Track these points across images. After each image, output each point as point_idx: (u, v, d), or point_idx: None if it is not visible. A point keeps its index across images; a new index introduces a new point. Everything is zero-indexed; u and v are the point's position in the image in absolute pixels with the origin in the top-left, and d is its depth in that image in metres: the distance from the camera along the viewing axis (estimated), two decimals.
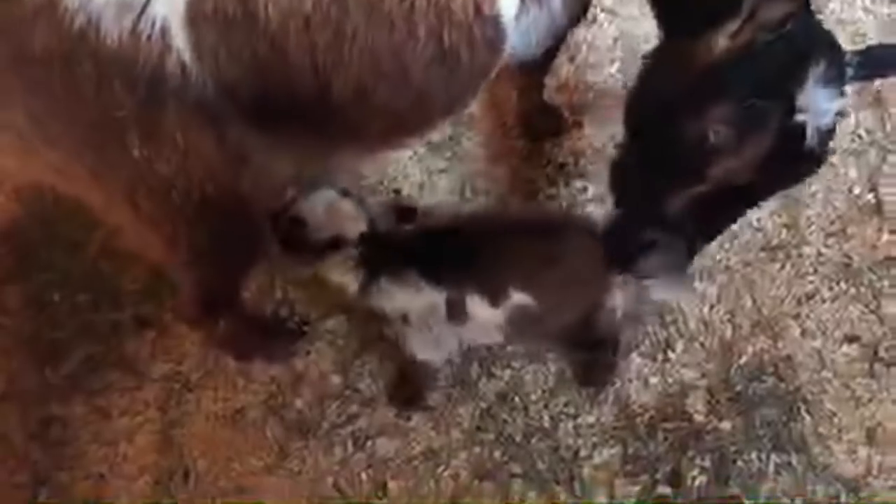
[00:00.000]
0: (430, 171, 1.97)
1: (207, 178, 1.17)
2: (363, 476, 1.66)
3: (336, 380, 1.74)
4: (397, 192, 1.95)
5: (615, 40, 2.07)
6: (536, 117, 1.96)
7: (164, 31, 1.04)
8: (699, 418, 1.67)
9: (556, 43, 1.65)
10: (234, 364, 1.74)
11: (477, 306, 1.43)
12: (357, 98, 1.20)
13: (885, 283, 1.80)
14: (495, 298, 1.42)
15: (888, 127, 1.99)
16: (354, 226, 1.41)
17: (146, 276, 1.75)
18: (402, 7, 1.15)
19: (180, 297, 1.51)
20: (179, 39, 1.05)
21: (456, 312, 1.44)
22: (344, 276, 1.44)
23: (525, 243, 1.44)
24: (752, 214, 1.89)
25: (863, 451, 1.65)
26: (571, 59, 2.05)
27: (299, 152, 1.34)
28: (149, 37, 1.03)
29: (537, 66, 1.76)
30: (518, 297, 1.42)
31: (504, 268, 1.42)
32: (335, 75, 1.16)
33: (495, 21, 1.24)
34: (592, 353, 1.63)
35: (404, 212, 1.47)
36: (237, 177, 1.21)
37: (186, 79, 1.07)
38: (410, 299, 1.43)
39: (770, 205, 1.87)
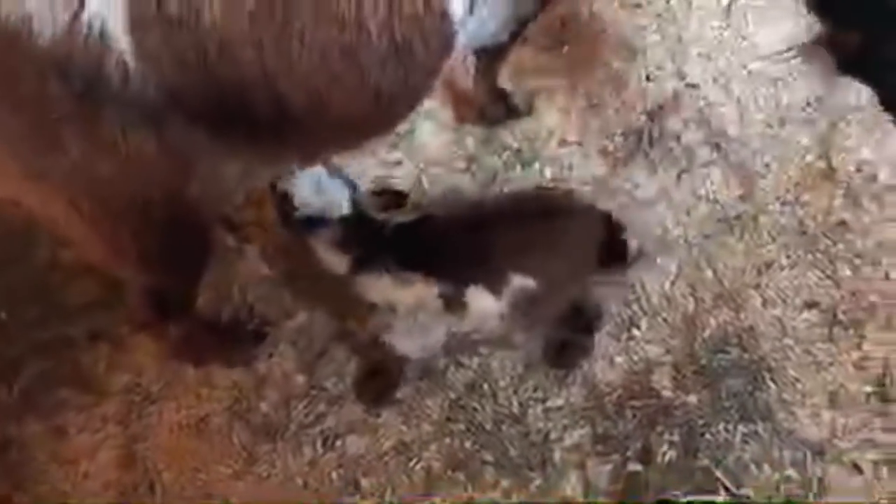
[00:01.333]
0: (386, 164, 1.94)
1: (151, 183, 1.14)
2: (334, 475, 1.64)
3: (301, 380, 1.71)
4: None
5: (563, 23, 2.06)
6: (491, 104, 1.94)
7: (103, 32, 1.00)
8: (666, 394, 1.68)
9: (520, 28, 1.64)
10: (194, 372, 1.70)
11: (476, 297, 1.41)
12: (310, 99, 1.17)
13: (840, 247, 1.83)
14: (496, 286, 1.40)
15: (837, 94, 2.01)
16: (338, 204, 1.39)
17: (96, 289, 1.70)
18: (350, 3, 1.12)
19: (129, 301, 1.47)
20: (120, 40, 1.01)
21: (454, 305, 1.41)
22: (333, 255, 1.41)
23: (521, 226, 1.43)
24: (707, 187, 1.92)
25: (826, 415, 1.67)
26: (523, 43, 2.04)
27: (252, 156, 1.31)
28: (86, 37, 0.99)
29: (498, 52, 1.75)
30: (519, 282, 1.40)
31: (501, 255, 1.41)
32: (285, 76, 1.13)
33: (445, 12, 1.22)
34: (575, 334, 1.62)
35: (391, 196, 1.45)
36: (183, 182, 1.18)
37: (127, 80, 1.03)
38: (402, 292, 1.41)
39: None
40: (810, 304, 1.78)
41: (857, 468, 1.61)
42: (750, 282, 1.80)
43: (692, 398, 1.67)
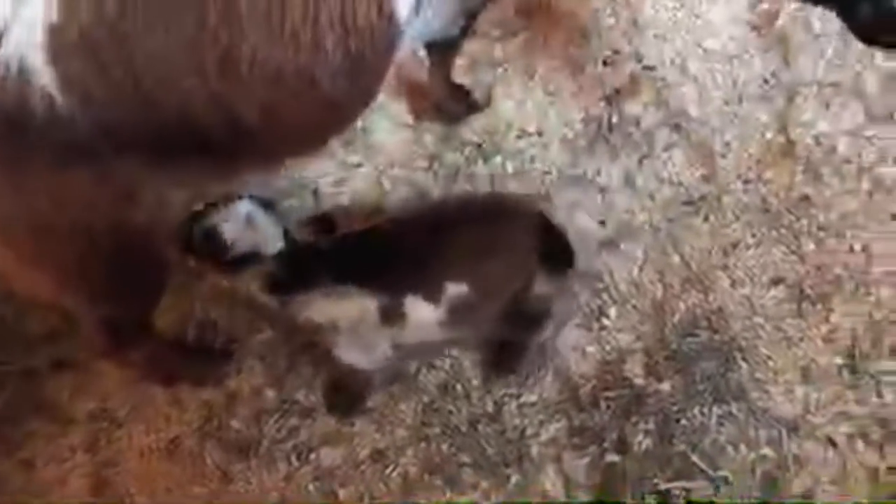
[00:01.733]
0: (346, 166, 1.91)
1: (92, 214, 1.10)
2: (311, 488, 1.62)
3: (271, 394, 1.68)
4: (315, 192, 1.89)
5: (515, 11, 2.04)
6: (447, 100, 1.92)
7: (22, 67, 0.96)
8: (639, 382, 1.67)
9: (470, 21, 1.62)
10: (162, 393, 1.67)
11: (415, 307, 1.40)
12: (263, 116, 1.15)
13: (804, 222, 1.83)
14: (433, 295, 1.39)
15: (792, 67, 2.01)
16: (271, 239, 1.35)
17: (54, 316, 1.66)
18: (306, 22, 1.10)
19: (84, 332, 1.43)
20: (42, 74, 0.97)
21: (393, 316, 1.40)
22: (263, 290, 1.38)
23: (454, 233, 1.41)
24: (669, 170, 1.91)
25: (799, 391, 1.67)
26: (475, 35, 2.01)
27: (201, 179, 1.28)
28: (3, 77, 0.95)
29: (449, 45, 1.73)
30: (454, 289, 1.39)
31: (437, 262, 1.39)
32: (234, 97, 1.10)
33: (392, 17, 1.20)
34: (520, 335, 1.61)
35: (322, 223, 1.43)
36: (127, 211, 1.14)
37: (54, 115, 0.99)
38: (339, 307, 1.39)
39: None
40: (777, 281, 1.78)
41: (831, 442, 1.62)
42: (717, 263, 1.80)
43: (665, 385, 1.66)
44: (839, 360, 1.69)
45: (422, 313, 1.40)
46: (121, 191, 1.10)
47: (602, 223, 1.84)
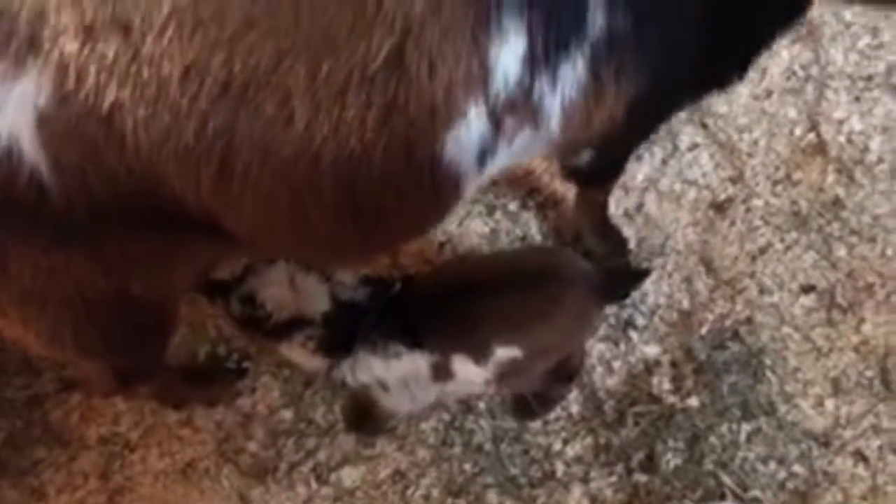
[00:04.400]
0: None
1: (86, 290, 1.01)
2: None
3: (287, 414, 1.63)
4: None
5: None
6: (593, 237, 1.74)
7: (11, 149, 0.86)
8: (667, 398, 1.62)
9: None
10: (174, 414, 1.61)
11: (461, 365, 1.33)
12: (256, 236, 1.02)
13: (835, 226, 1.76)
14: (479, 356, 1.32)
15: (822, 59, 1.92)
16: (316, 301, 1.25)
17: None
18: (302, 160, 0.92)
19: (87, 377, 1.36)
20: (32, 156, 0.87)
21: (440, 373, 1.34)
22: (309, 357, 1.30)
23: (508, 295, 1.31)
24: (695, 171, 1.84)
25: (829, 403, 1.64)
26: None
27: (211, 254, 1.15)
28: None
29: (603, 173, 1.55)
30: (502, 352, 1.31)
31: (485, 325, 1.31)
32: (227, 215, 0.97)
33: (451, 168, 0.99)
34: (555, 389, 1.55)
35: (377, 286, 1.32)
36: (124, 284, 1.04)
37: (45, 198, 0.89)
38: (390, 367, 1.32)
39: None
40: (807, 289, 1.72)
41: (862, 457, 1.59)
42: (745, 269, 1.74)
43: (693, 401, 1.62)
44: (870, 372, 1.65)
45: (469, 373, 1.34)
46: (117, 266, 1.01)
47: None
